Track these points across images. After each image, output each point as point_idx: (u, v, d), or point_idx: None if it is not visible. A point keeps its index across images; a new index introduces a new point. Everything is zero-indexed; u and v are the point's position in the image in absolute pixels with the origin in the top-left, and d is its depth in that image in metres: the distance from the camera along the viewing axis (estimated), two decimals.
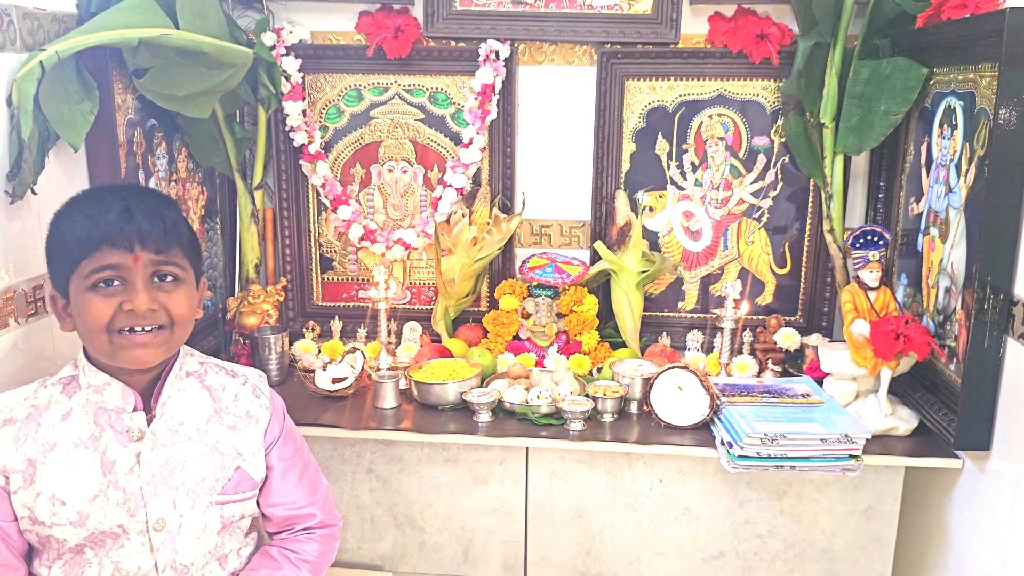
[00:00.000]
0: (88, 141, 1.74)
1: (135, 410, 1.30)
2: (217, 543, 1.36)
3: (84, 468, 1.26)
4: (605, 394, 1.92)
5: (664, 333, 2.29)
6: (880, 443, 1.80)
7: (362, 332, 2.31)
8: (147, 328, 1.25)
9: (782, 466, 1.73)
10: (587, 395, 1.93)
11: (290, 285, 2.37)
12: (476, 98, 2.18)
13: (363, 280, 2.38)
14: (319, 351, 2.26)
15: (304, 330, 2.34)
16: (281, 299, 2.30)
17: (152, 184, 1.97)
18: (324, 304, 2.41)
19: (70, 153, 1.67)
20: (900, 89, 1.93)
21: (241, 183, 2.26)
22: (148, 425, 1.30)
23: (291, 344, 2.28)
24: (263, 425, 1.43)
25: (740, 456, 1.72)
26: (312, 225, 2.36)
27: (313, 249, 2.38)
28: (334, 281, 2.40)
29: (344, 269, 2.39)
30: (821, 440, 1.72)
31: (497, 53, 2.16)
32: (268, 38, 2.18)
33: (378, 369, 2.11)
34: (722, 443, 1.79)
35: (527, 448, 1.88)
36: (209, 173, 2.25)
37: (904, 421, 1.85)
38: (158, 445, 1.30)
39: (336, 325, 2.33)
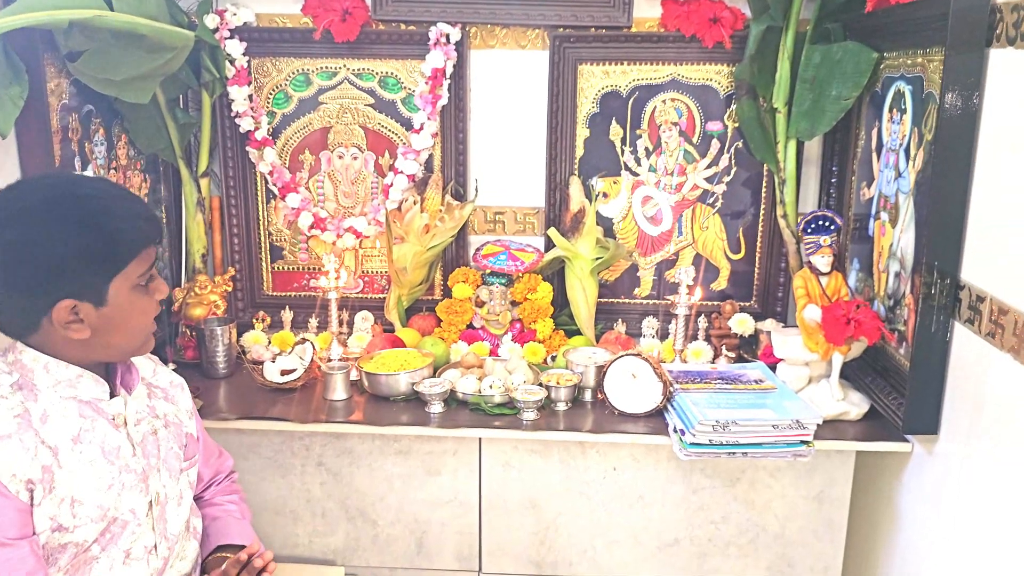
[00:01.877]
0: (19, 127, 1.68)
1: (112, 397, 1.31)
2: (189, 515, 1.44)
3: (93, 462, 1.25)
4: (559, 383, 1.90)
5: (620, 320, 2.27)
6: (832, 428, 1.81)
7: (313, 322, 2.27)
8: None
9: (734, 453, 1.73)
10: (541, 384, 1.91)
11: (239, 275, 2.31)
12: (427, 83, 2.14)
13: (314, 269, 2.33)
14: (269, 342, 2.22)
15: (254, 321, 2.29)
16: (229, 289, 2.24)
17: (90, 173, 1.90)
18: (274, 294, 2.36)
19: None
20: (851, 73, 1.93)
21: (186, 171, 2.20)
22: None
23: (240, 335, 2.23)
24: (186, 390, 1.52)
25: (692, 444, 1.72)
26: (261, 213, 2.31)
27: (262, 238, 2.33)
28: (284, 271, 2.35)
29: (294, 258, 2.34)
30: (772, 426, 1.72)
31: (448, 37, 2.12)
32: (211, 20, 2.11)
33: (328, 360, 2.07)
34: (675, 430, 1.78)
35: (480, 439, 1.86)
36: (152, 160, 2.19)
37: (855, 406, 1.86)
38: (136, 425, 1.34)
39: (287, 316, 2.28)
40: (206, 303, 2.17)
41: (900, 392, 1.77)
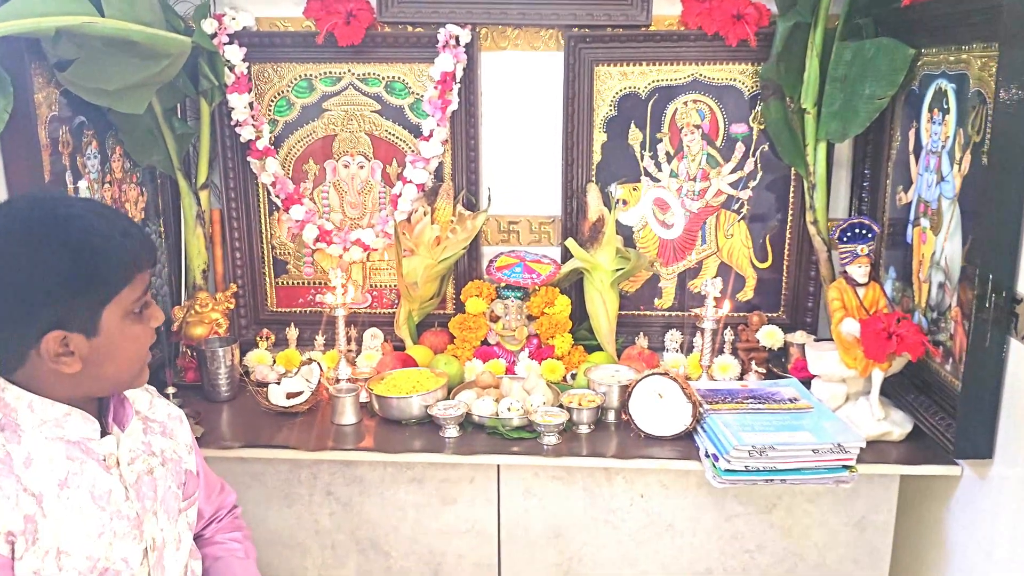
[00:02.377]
0: (4, 142, 1.59)
1: (103, 436, 1.20)
2: (187, 558, 1.34)
3: (81, 509, 1.14)
4: (580, 404, 1.79)
5: (641, 333, 2.16)
6: (873, 450, 1.70)
7: (320, 340, 2.16)
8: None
9: (772, 479, 1.62)
10: (561, 405, 1.80)
11: (241, 291, 2.21)
12: (436, 87, 2.03)
13: (320, 284, 2.22)
14: (274, 361, 2.12)
15: (258, 339, 2.18)
16: (232, 307, 2.14)
17: (83, 187, 1.80)
18: (279, 310, 2.25)
19: None
20: (885, 71, 1.82)
21: (184, 183, 2.10)
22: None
23: (244, 355, 2.13)
24: (185, 423, 1.40)
25: (727, 470, 1.61)
26: (264, 226, 2.20)
27: (265, 252, 2.22)
28: (289, 285, 2.24)
29: (299, 272, 2.23)
30: (812, 451, 1.61)
31: (457, 39, 2.01)
32: (209, 25, 2.01)
33: (337, 381, 1.97)
34: (707, 455, 1.67)
35: (498, 465, 1.75)
36: (149, 172, 2.08)
37: (898, 425, 1.75)
38: (130, 465, 1.23)
39: (292, 333, 2.18)
40: (207, 322, 2.07)
41: (947, 411, 1.66)
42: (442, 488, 1.78)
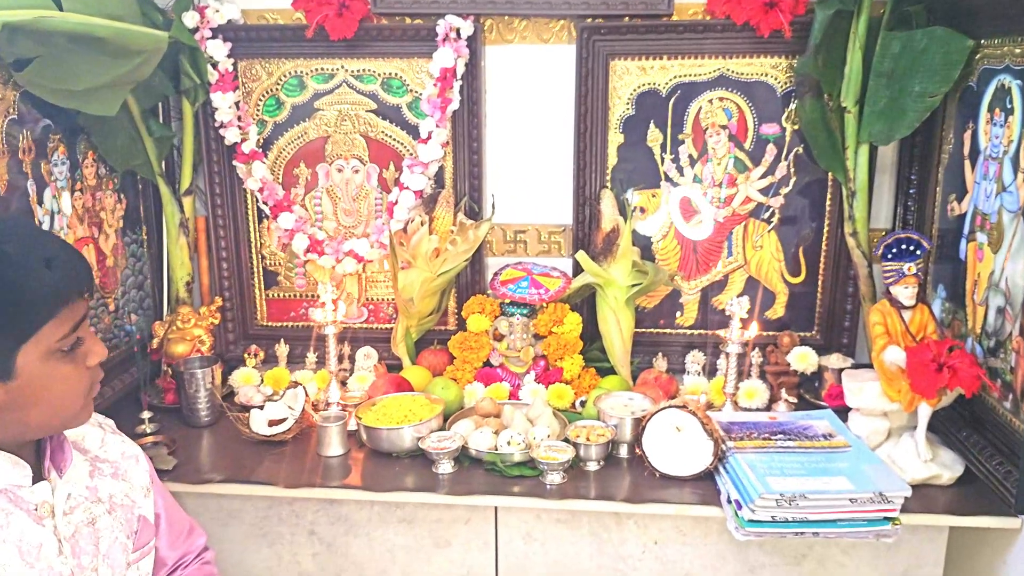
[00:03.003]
0: None
1: (35, 482, 1.07)
2: None
3: (6, 566, 1.01)
4: (588, 439, 1.61)
5: (659, 354, 1.97)
6: (919, 496, 1.49)
7: (311, 357, 2.00)
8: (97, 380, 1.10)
9: (803, 533, 1.42)
10: (567, 439, 1.62)
11: (229, 304, 2.06)
12: (435, 84, 1.85)
13: (312, 296, 2.07)
14: (262, 381, 1.96)
15: (245, 356, 2.03)
16: (216, 322, 1.99)
17: (48, 196, 1.65)
18: (269, 324, 2.10)
19: None
20: (939, 65, 1.61)
21: (166, 189, 1.95)
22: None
23: (231, 372, 1.98)
24: (143, 462, 1.27)
25: (751, 521, 1.42)
26: (252, 235, 2.05)
27: (255, 262, 2.07)
28: (280, 298, 2.09)
29: (291, 284, 2.08)
30: (850, 500, 1.41)
31: (458, 31, 1.83)
32: (190, 18, 1.85)
33: (327, 405, 1.81)
34: (729, 501, 1.48)
35: (496, 507, 1.58)
36: (129, 178, 1.94)
37: (947, 468, 1.54)
38: (66, 516, 1.10)
39: (282, 350, 2.02)
40: (189, 339, 1.92)
41: (1005, 455, 1.46)
42: (435, 530, 1.61)
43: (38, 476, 1.09)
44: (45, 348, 1.00)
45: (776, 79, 1.85)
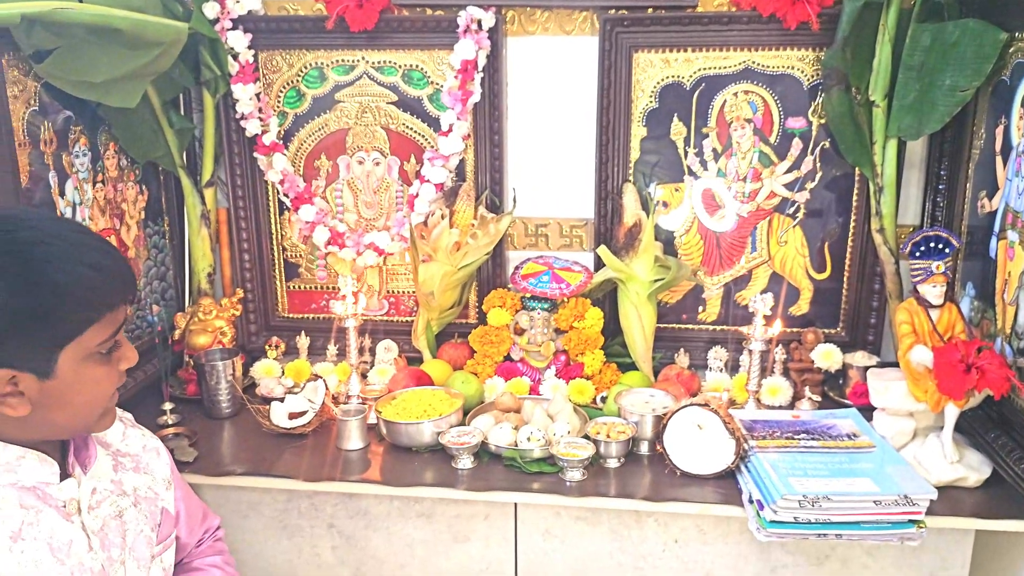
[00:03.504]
0: None
1: (63, 479, 1.07)
2: None
3: (37, 564, 1.01)
4: (609, 436, 1.60)
5: (681, 349, 1.95)
6: (945, 497, 1.47)
7: (332, 349, 2.00)
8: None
9: (825, 535, 1.40)
10: (587, 436, 1.61)
11: (250, 296, 2.06)
12: (456, 77, 1.84)
13: (333, 288, 2.06)
14: (283, 372, 1.97)
15: (267, 347, 2.04)
16: (237, 314, 2.00)
17: (70, 188, 1.66)
18: (290, 316, 2.10)
19: None
20: (971, 59, 1.57)
21: (188, 180, 1.95)
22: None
23: (252, 364, 1.99)
24: (164, 455, 1.28)
25: (773, 521, 1.40)
26: (274, 226, 2.05)
27: (276, 254, 2.07)
28: (301, 290, 2.09)
29: (312, 276, 2.07)
30: (874, 502, 1.39)
31: (480, 23, 1.81)
32: (210, 9, 1.84)
33: (348, 398, 1.81)
34: (751, 501, 1.46)
35: (515, 503, 1.57)
36: (150, 169, 1.94)
37: (974, 470, 1.52)
38: (93, 511, 1.10)
39: (302, 342, 2.03)
40: (211, 330, 1.93)
41: None
42: (454, 525, 1.61)
43: (64, 473, 1.09)
44: (85, 351, 1.00)
45: (803, 72, 1.82)
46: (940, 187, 1.81)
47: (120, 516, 1.13)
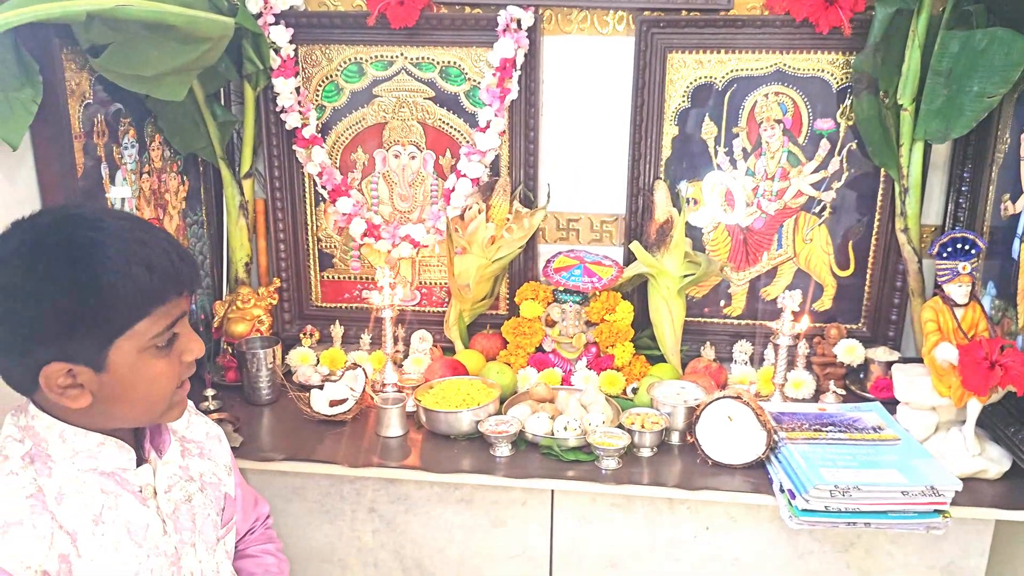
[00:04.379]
0: (34, 134, 1.50)
1: (139, 465, 1.11)
2: None
3: (117, 546, 1.05)
4: (644, 427, 1.65)
5: (707, 343, 2.01)
6: (966, 489, 1.52)
7: (366, 339, 2.05)
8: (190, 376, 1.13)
9: (854, 523, 1.47)
10: (621, 426, 1.67)
11: (285, 285, 2.10)
12: (494, 75, 1.88)
13: (367, 279, 2.11)
14: (318, 361, 2.02)
15: (301, 336, 2.08)
16: (274, 303, 2.04)
17: (119, 179, 1.70)
18: (324, 306, 2.15)
19: (9, 151, 1.40)
20: (999, 66, 1.62)
21: (227, 171, 1.99)
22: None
23: (287, 352, 2.03)
24: (224, 442, 1.33)
25: (805, 510, 1.46)
26: (309, 217, 2.09)
27: (311, 244, 2.11)
28: (335, 280, 2.13)
29: (346, 267, 2.12)
30: (902, 493, 1.45)
31: (519, 22, 1.85)
32: (254, 4, 1.88)
33: (384, 387, 1.86)
34: (782, 490, 1.52)
35: (552, 490, 1.63)
36: (191, 160, 1.98)
37: (995, 463, 1.58)
38: (166, 495, 1.15)
39: (336, 331, 2.07)
40: (249, 319, 1.97)
41: None
42: (492, 510, 1.66)
43: (140, 459, 1.13)
44: (139, 343, 1.02)
45: (832, 75, 1.86)
46: (963, 188, 1.86)
47: (189, 500, 1.18)
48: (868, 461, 1.54)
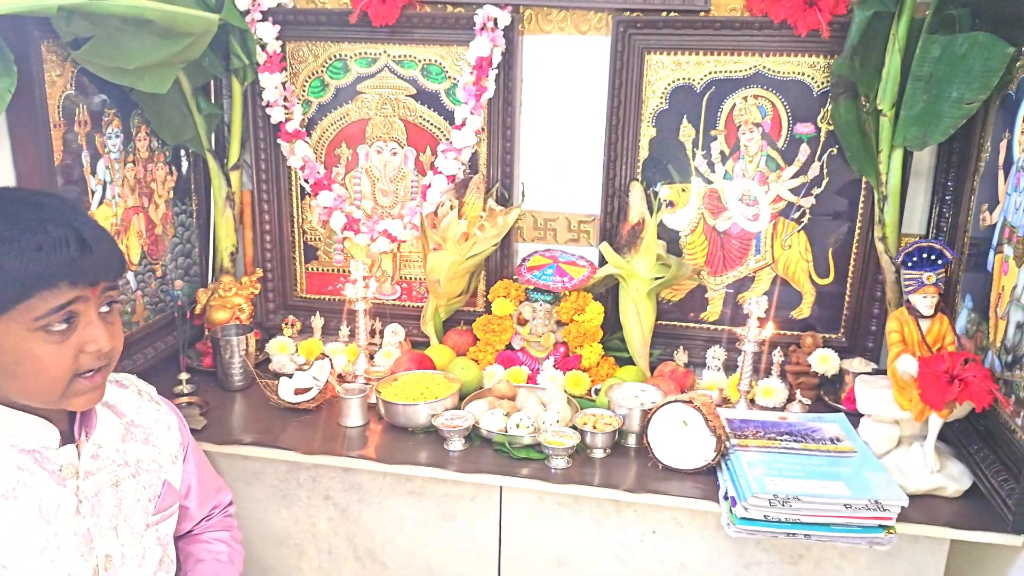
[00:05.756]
0: (11, 122, 1.56)
1: (62, 445, 1.15)
2: (154, 571, 1.27)
3: (23, 522, 1.09)
4: (596, 427, 1.65)
5: (681, 347, 1.99)
6: (923, 506, 1.49)
7: (344, 331, 2.09)
8: (101, 367, 1.12)
9: (794, 534, 1.44)
10: (574, 427, 1.66)
11: (270, 275, 2.15)
12: (471, 72, 1.90)
13: (349, 272, 2.13)
14: (296, 350, 2.06)
15: (283, 325, 2.13)
16: (256, 292, 2.09)
17: (102, 167, 1.76)
18: (309, 297, 2.19)
19: None
20: (978, 72, 1.58)
21: (214, 163, 2.05)
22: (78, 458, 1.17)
23: (268, 340, 2.08)
24: (175, 430, 1.35)
25: (743, 518, 1.44)
26: (295, 210, 2.14)
27: (296, 236, 2.16)
28: (319, 272, 2.17)
29: (329, 259, 2.16)
30: (844, 505, 1.42)
31: (496, 21, 1.86)
32: (242, 1, 1.93)
33: (355, 377, 1.89)
34: (725, 497, 1.50)
35: (501, 486, 1.64)
36: (179, 151, 2.04)
37: (954, 480, 1.53)
38: (91, 477, 1.18)
39: (317, 322, 2.11)
40: (229, 307, 2.03)
41: (1012, 472, 1.44)
42: (442, 504, 1.68)
43: (69, 439, 1.16)
44: (24, 323, 1.03)
45: (813, 79, 1.83)
46: (947, 198, 1.81)
47: (117, 485, 1.21)
48: (817, 472, 1.51)
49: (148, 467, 1.27)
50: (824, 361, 1.86)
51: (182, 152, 2.05)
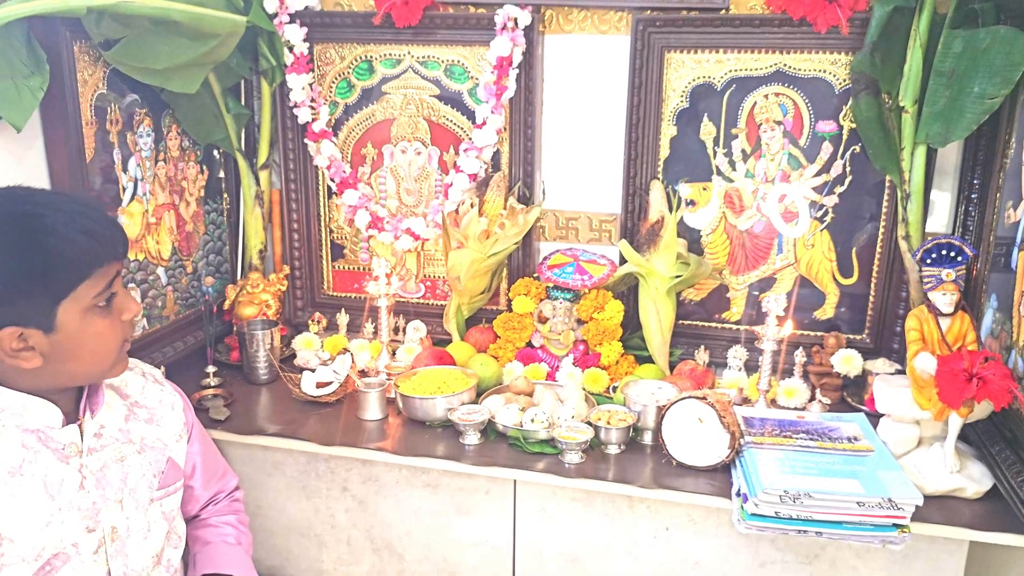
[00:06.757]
0: (44, 120, 1.62)
1: (65, 424, 1.21)
2: (162, 547, 1.33)
3: (28, 497, 1.15)
4: (609, 423, 1.65)
5: (702, 347, 1.98)
6: (941, 506, 1.47)
7: (368, 327, 2.12)
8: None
9: (805, 531, 1.42)
10: (589, 422, 1.67)
11: (298, 273, 2.20)
12: (492, 72, 1.92)
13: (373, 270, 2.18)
14: (321, 346, 2.09)
15: (310, 322, 2.17)
16: (283, 289, 2.14)
17: (133, 164, 1.82)
18: (335, 294, 2.23)
19: (18, 135, 1.53)
20: (1000, 66, 1.55)
21: (244, 162, 2.10)
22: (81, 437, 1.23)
23: (295, 336, 2.12)
24: (179, 410, 1.41)
25: (754, 515, 1.43)
26: (322, 209, 2.18)
27: (323, 235, 2.20)
28: (345, 270, 2.21)
29: (355, 257, 2.20)
30: (857, 503, 1.40)
31: (516, 21, 1.88)
32: (270, 4, 1.98)
33: (377, 373, 1.92)
34: (737, 494, 1.49)
35: (515, 480, 1.65)
36: (211, 150, 2.10)
37: (974, 481, 1.50)
38: (94, 454, 1.24)
39: (342, 319, 2.15)
40: (257, 303, 2.07)
41: None
42: (457, 497, 1.69)
43: (73, 418, 1.22)
44: (82, 304, 1.13)
45: (835, 76, 1.82)
46: (973, 196, 1.77)
47: (123, 460, 1.27)
48: (831, 470, 1.49)
49: (153, 444, 1.33)
50: (847, 362, 1.84)
51: (215, 152, 2.10)
